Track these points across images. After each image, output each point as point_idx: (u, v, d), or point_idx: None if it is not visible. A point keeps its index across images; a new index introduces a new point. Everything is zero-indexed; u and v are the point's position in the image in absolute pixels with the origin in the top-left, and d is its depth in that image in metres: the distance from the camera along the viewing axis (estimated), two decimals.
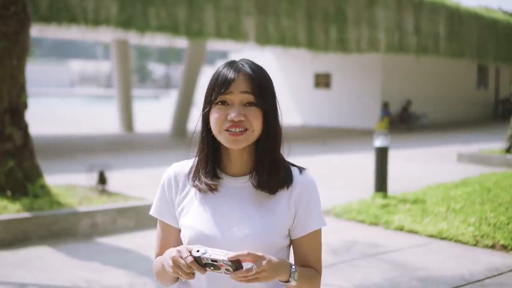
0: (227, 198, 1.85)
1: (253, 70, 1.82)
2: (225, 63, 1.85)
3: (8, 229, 6.14)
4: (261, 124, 1.80)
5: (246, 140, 1.79)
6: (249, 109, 1.78)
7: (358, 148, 16.43)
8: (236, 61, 1.85)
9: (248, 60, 1.86)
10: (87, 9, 12.98)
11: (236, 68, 1.81)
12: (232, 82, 1.78)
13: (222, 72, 1.81)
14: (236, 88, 1.77)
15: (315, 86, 25.05)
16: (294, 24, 16.61)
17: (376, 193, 8.17)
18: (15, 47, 6.63)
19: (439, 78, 25.84)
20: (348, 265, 5.79)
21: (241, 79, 1.78)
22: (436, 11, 21.13)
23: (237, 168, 1.86)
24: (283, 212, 1.84)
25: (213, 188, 1.84)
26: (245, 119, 1.77)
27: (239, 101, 1.78)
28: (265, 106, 1.80)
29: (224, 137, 1.78)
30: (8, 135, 6.76)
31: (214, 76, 1.82)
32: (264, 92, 1.81)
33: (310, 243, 1.89)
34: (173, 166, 1.94)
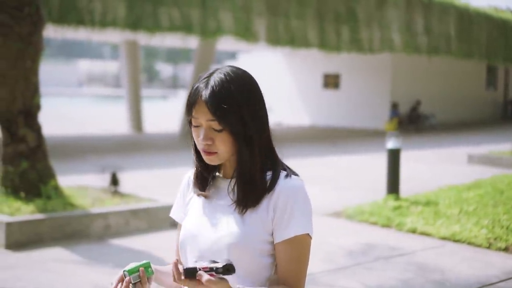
0: (218, 200, 1.86)
1: (213, 93, 1.71)
2: (205, 74, 1.78)
3: (22, 230, 6.16)
4: (230, 145, 1.75)
5: (218, 160, 1.79)
6: (216, 134, 1.74)
7: (367, 149, 16.40)
8: (212, 73, 1.76)
9: (222, 74, 1.75)
10: (94, 11, 13.00)
11: (202, 89, 1.73)
12: (194, 107, 1.74)
13: (191, 91, 1.76)
14: (199, 113, 1.74)
15: (324, 87, 25.03)
16: (305, 25, 16.61)
17: (388, 195, 8.14)
18: (28, 48, 6.64)
19: (448, 78, 25.77)
20: (363, 267, 5.78)
21: (202, 105, 1.72)
22: (445, 11, 21.07)
23: (227, 170, 1.86)
24: (263, 217, 1.78)
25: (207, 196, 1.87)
26: (212, 143, 1.74)
27: (206, 126, 1.74)
28: (230, 129, 1.73)
29: (202, 154, 1.80)
30: (22, 137, 6.78)
31: (190, 90, 1.78)
32: (227, 115, 1.71)
33: (287, 252, 1.77)
34: (188, 172, 1.99)
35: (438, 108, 24.76)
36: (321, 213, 8.08)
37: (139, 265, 1.76)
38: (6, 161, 6.82)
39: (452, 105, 26.05)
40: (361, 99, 23.78)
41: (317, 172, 11.81)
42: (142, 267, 1.76)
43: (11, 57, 6.58)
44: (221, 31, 15.07)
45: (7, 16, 6.51)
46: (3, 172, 6.87)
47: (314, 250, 6.25)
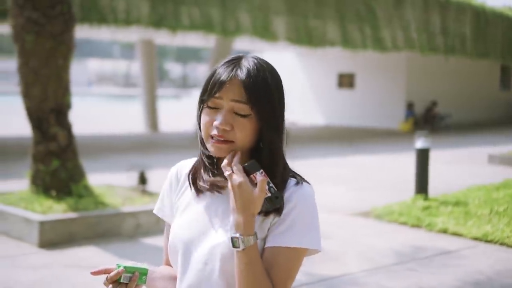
0: (212, 203, 1.67)
1: (250, 74, 1.57)
2: (228, 59, 1.64)
3: (56, 229, 6.14)
4: (250, 137, 1.59)
5: (229, 150, 1.58)
6: (238, 119, 1.57)
7: (385, 149, 16.34)
8: (240, 58, 1.62)
9: (253, 59, 1.62)
10: (117, 9, 13.00)
11: (232, 69, 1.58)
12: (223, 85, 1.57)
13: (218, 71, 1.60)
14: (226, 93, 1.57)
15: (339, 86, 24.95)
16: (324, 23, 16.57)
17: (417, 195, 8.08)
18: (60, 46, 6.63)
19: (463, 78, 25.66)
20: (401, 268, 5.73)
21: (234, 84, 1.57)
22: (462, 11, 20.97)
23: None
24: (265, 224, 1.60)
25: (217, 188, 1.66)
26: (230, 129, 1.57)
27: (228, 108, 1.58)
28: (261, 116, 1.58)
29: (209, 143, 1.60)
30: (53, 135, 6.76)
31: (211, 72, 1.62)
32: (260, 102, 1.57)
33: (272, 259, 1.58)
34: (179, 163, 1.80)
35: (452, 108, 24.65)
36: (349, 213, 8.05)
37: (137, 268, 1.64)
38: (37, 160, 6.81)
39: (466, 105, 25.93)
40: (376, 98, 23.69)
41: (338, 172, 11.76)
42: (139, 271, 1.64)
43: (43, 55, 6.58)
44: (241, 30, 15.06)
45: (39, 15, 6.51)
46: (34, 170, 6.86)
47: (348, 250, 6.24)
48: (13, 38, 6.68)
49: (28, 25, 6.49)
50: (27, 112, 6.81)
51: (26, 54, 6.60)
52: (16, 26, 6.60)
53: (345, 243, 6.58)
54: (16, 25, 6.58)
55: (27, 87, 6.70)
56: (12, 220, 6.34)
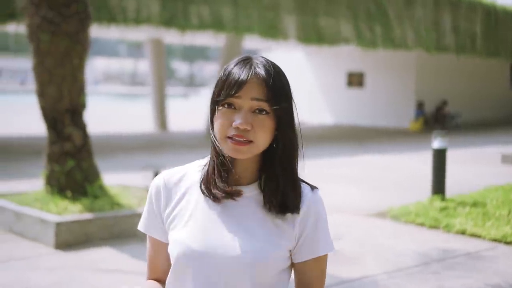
0: (226, 209, 1.62)
1: (269, 72, 1.58)
2: (238, 59, 1.63)
3: (71, 230, 6.09)
4: (269, 136, 1.58)
5: (250, 152, 1.57)
6: (258, 118, 1.56)
7: (396, 148, 16.25)
8: (251, 58, 1.62)
9: (264, 59, 1.63)
10: (127, 9, 12.95)
11: (249, 69, 1.58)
12: (244, 84, 1.55)
13: (234, 71, 1.58)
14: (246, 92, 1.56)
15: (348, 85, 24.85)
16: (335, 22, 16.49)
17: (434, 196, 8.00)
18: (76, 46, 6.58)
19: (473, 77, 25.52)
20: (420, 270, 5.66)
21: (254, 83, 1.56)
22: (472, 10, 20.85)
23: (238, 177, 1.64)
24: (287, 232, 1.63)
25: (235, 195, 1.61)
26: (251, 129, 1.55)
27: (248, 107, 1.56)
28: (279, 114, 1.58)
29: (227, 145, 1.57)
30: (68, 135, 6.71)
31: (225, 73, 1.60)
32: (279, 99, 1.58)
33: (315, 269, 1.68)
34: (162, 174, 1.72)
35: (462, 107, 24.53)
36: (365, 214, 7.98)
37: None
38: (52, 160, 6.76)
39: (476, 104, 25.80)
40: (386, 98, 23.59)
41: (350, 172, 11.69)
42: None
43: (58, 55, 6.52)
44: (251, 29, 15.00)
45: (55, 14, 6.45)
46: (49, 171, 6.81)
47: (366, 252, 6.15)
48: (28, 37, 6.63)
49: (44, 25, 6.43)
50: (42, 112, 6.76)
51: (41, 53, 6.55)
52: (31, 26, 6.54)
53: (363, 245, 6.50)
54: (31, 24, 6.53)
55: (42, 87, 6.65)
56: (28, 221, 6.29)
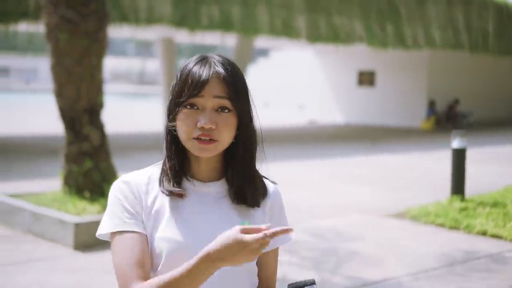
0: (202, 205, 1.67)
1: (228, 70, 1.62)
2: (195, 58, 1.65)
3: (90, 231, 6.03)
4: (233, 133, 1.63)
5: (216, 150, 1.61)
6: (221, 116, 1.60)
7: (409, 148, 16.15)
8: (207, 57, 1.64)
9: (220, 57, 1.66)
10: (139, 8, 12.91)
11: (209, 68, 1.61)
12: (205, 84, 1.58)
13: (193, 71, 1.60)
14: (208, 91, 1.58)
15: (359, 84, 24.74)
16: (346, 21, 16.40)
17: (453, 196, 7.91)
18: (94, 45, 6.53)
19: (484, 76, 25.37)
20: (443, 272, 5.58)
21: (215, 81, 1.59)
22: (485, 8, 20.72)
23: (207, 173, 1.69)
24: (260, 221, 1.69)
25: (181, 195, 1.65)
26: (215, 128, 1.58)
27: (211, 106, 1.59)
28: (240, 111, 1.62)
29: (192, 145, 1.60)
30: (86, 135, 6.66)
31: (184, 73, 1.62)
32: (240, 95, 1.62)
33: (275, 259, 1.78)
34: (126, 177, 1.70)
35: (474, 106, 24.38)
36: (383, 214, 7.90)
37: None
38: (70, 160, 6.71)
39: (487, 103, 25.64)
40: (397, 97, 23.47)
41: (365, 172, 11.61)
42: None
43: (77, 54, 6.47)
44: (262, 28, 14.94)
45: (74, 13, 6.40)
46: (67, 171, 6.77)
47: (387, 253, 6.07)
48: (46, 37, 6.58)
49: (62, 24, 6.38)
50: (60, 112, 6.71)
51: (59, 53, 6.50)
52: (49, 25, 6.49)
53: (383, 246, 6.43)
54: (49, 23, 6.48)
55: (60, 87, 6.60)
56: (46, 222, 6.25)
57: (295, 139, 17.61)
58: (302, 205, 8.29)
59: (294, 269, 5.44)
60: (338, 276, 5.36)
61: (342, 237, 6.69)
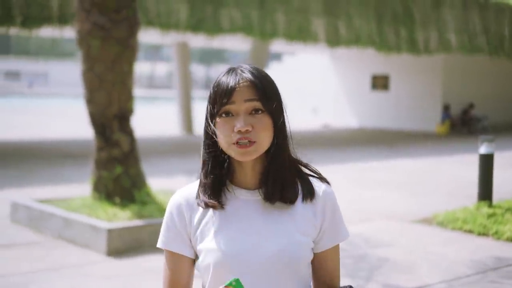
0: (247, 213, 1.71)
1: (255, 75, 1.68)
2: (224, 71, 1.72)
3: (123, 237, 6.05)
4: (270, 133, 1.67)
5: (256, 152, 1.65)
6: (255, 118, 1.65)
7: (427, 152, 16.11)
8: (235, 68, 1.71)
9: (248, 65, 1.73)
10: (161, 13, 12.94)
11: (235, 75, 1.67)
12: (234, 90, 1.64)
13: (222, 81, 1.67)
14: (239, 96, 1.64)
15: (373, 88, 24.70)
16: (363, 25, 16.40)
17: (480, 202, 7.88)
18: (126, 51, 6.55)
19: (499, 79, 25.26)
20: (478, 279, 5.56)
21: (243, 86, 1.65)
22: (501, 11, 20.65)
23: (253, 180, 1.73)
24: (308, 225, 1.73)
25: (215, 207, 1.70)
26: (252, 130, 1.63)
27: (244, 110, 1.65)
28: (272, 111, 1.67)
29: (233, 150, 1.64)
30: (116, 141, 6.68)
31: (215, 85, 1.69)
32: (270, 96, 1.68)
33: (335, 257, 1.80)
34: (179, 192, 1.78)
35: (489, 109, 24.27)
36: (409, 220, 7.88)
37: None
38: (100, 166, 6.73)
39: (503, 106, 25.53)
40: (412, 101, 23.41)
41: (386, 177, 11.58)
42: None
43: (108, 61, 6.50)
44: (278, 32, 14.94)
45: (106, 19, 6.43)
46: (96, 177, 6.79)
47: (418, 260, 6.04)
48: (78, 43, 6.61)
49: (94, 30, 6.41)
50: (91, 118, 6.73)
51: (91, 59, 6.52)
52: (81, 31, 6.52)
53: (413, 252, 6.41)
54: (82, 30, 6.51)
55: (91, 93, 6.63)
56: (78, 228, 6.27)
57: (310, 143, 17.58)
58: None
59: None
60: (373, 283, 5.35)
61: (372, 244, 6.68)
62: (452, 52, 19.47)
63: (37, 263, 5.76)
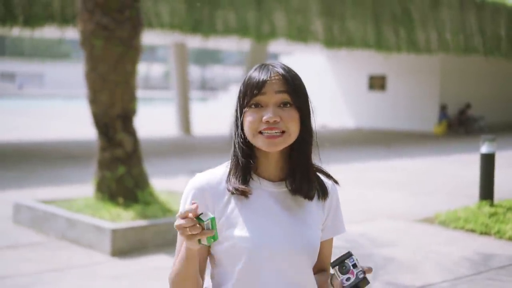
0: (272, 204, 1.77)
1: (286, 70, 1.77)
2: (256, 66, 1.80)
3: (127, 237, 6.05)
4: (298, 126, 1.74)
5: (284, 142, 1.72)
6: (284, 110, 1.72)
7: (425, 152, 16.14)
8: (267, 64, 1.80)
9: (280, 63, 1.81)
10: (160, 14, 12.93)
11: (268, 69, 1.75)
12: (266, 83, 1.72)
13: (254, 75, 1.75)
14: (270, 88, 1.72)
15: (370, 88, 24.74)
16: (361, 26, 16.41)
17: (482, 201, 7.90)
18: (129, 52, 6.55)
19: (497, 80, 25.32)
20: (482, 278, 5.58)
21: (275, 79, 1.73)
22: (497, 12, 20.72)
23: (276, 172, 1.79)
24: (319, 217, 1.84)
25: (246, 193, 1.74)
26: (280, 121, 1.70)
27: (273, 102, 1.72)
28: (301, 105, 1.75)
29: (260, 140, 1.71)
30: (119, 141, 6.68)
31: (246, 79, 1.77)
32: (299, 92, 1.76)
33: (330, 247, 1.93)
34: (200, 176, 1.80)
35: (485, 110, 24.33)
36: (412, 219, 7.90)
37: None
38: (103, 166, 6.73)
39: (500, 107, 25.59)
40: (409, 101, 23.45)
41: (386, 177, 11.60)
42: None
43: (112, 61, 6.50)
44: (275, 33, 14.94)
45: (109, 19, 6.43)
46: (99, 177, 6.78)
47: (422, 259, 6.05)
48: (81, 43, 6.60)
49: (98, 31, 6.41)
50: (93, 118, 6.73)
51: (94, 59, 6.52)
52: (84, 31, 6.52)
53: (417, 251, 6.42)
54: (85, 30, 6.51)
55: (94, 93, 6.62)
56: (82, 228, 6.26)
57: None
58: None
59: None
60: (379, 283, 5.37)
61: (376, 243, 6.70)
62: (449, 52, 19.52)
63: (42, 264, 5.75)
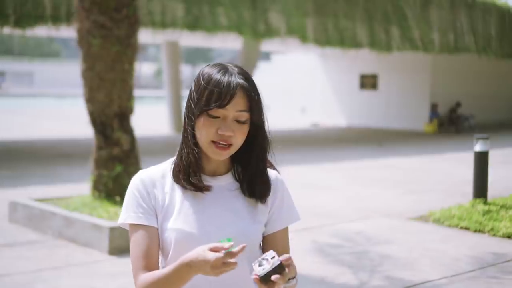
0: (211, 198, 1.83)
1: (248, 82, 1.77)
2: (216, 67, 1.79)
3: (124, 235, 6.05)
4: (245, 136, 1.79)
5: (229, 154, 1.79)
6: (239, 126, 1.76)
7: (417, 151, 16.22)
8: (227, 68, 1.78)
9: (237, 67, 1.81)
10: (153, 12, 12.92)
11: (233, 80, 1.74)
12: (232, 98, 1.73)
13: (220, 82, 1.74)
14: (233, 106, 1.74)
15: (361, 87, 24.82)
16: (354, 25, 16.46)
17: (475, 199, 7.97)
18: (126, 50, 6.56)
19: (487, 79, 25.47)
20: (479, 275, 5.63)
21: (239, 95, 1.74)
22: (487, 11, 20.84)
23: (216, 169, 1.86)
24: (262, 209, 1.87)
25: (206, 189, 1.81)
26: (233, 135, 1.75)
27: (232, 117, 1.75)
28: (258, 120, 1.80)
29: (210, 149, 1.77)
30: (116, 140, 6.69)
31: (208, 80, 1.75)
32: (258, 106, 1.79)
33: (284, 238, 1.92)
34: (143, 172, 1.89)
35: (476, 108, 24.47)
36: (406, 217, 7.96)
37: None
38: (100, 165, 6.74)
39: (490, 105, 25.73)
40: (400, 100, 23.56)
41: (379, 175, 11.65)
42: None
43: (109, 60, 6.50)
44: (269, 32, 14.96)
45: (106, 18, 6.43)
46: (96, 176, 6.79)
47: (419, 256, 6.10)
48: (78, 42, 6.60)
49: (94, 29, 6.41)
50: (90, 117, 6.73)
51: (91, 58, 6.52)
52: (81, 30, 6.52)
53: (413, 249, 6.47)
54: (82, 29, 6.51)
55: (91, 92, 6.62)
56: (79, 227, 6.27)
57: (301, 143, 17.65)
58: (327, 209, 8.34)
59: (331, 273, 5.49)
60: (376, 280, 5.41)
61: (372, 241, 6.74)
62: (440, 51, 19.62)
63: (40, 262, 5.75)
